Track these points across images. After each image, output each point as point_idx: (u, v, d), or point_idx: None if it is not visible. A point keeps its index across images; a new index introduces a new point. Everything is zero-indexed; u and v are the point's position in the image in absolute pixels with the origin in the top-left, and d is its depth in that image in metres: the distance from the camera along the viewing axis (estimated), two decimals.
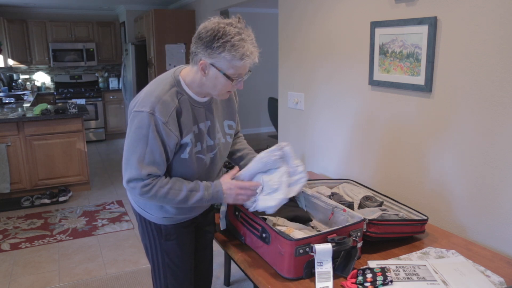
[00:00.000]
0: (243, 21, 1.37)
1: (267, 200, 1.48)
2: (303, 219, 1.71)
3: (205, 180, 1.54)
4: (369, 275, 1.35)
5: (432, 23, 1.82)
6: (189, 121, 1.46)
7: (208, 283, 1.90)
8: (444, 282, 1.33)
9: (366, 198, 1.84)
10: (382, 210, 1.70)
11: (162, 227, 1.60)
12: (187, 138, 1.45)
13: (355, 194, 1.93)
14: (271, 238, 1.43)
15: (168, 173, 1.50)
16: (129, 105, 1.49)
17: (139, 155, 1.38)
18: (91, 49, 7.24)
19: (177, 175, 1.50)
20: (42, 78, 7.36)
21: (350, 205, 1.72)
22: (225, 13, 5.68)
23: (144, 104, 1.39)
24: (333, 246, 1.35)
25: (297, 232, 1.52)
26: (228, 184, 1.50)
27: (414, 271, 1.39)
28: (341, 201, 1.76)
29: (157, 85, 1.45)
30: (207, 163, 1.56)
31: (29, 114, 4.31)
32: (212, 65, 1.36)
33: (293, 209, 1.76)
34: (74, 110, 4.45)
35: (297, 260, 1.36)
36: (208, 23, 1.35)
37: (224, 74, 1.36)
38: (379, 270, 1.37)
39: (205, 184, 1.49)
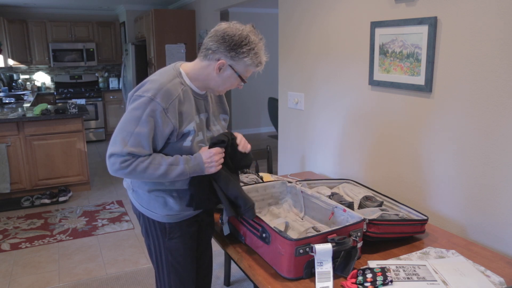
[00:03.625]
0: (257, 30, 1.49)
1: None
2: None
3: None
4: (369, 275, 1.35)
5: (432, 23, 1.82)
6: (192, 110, 1.51)
7: (208, 282, 1.91)
8: (444, 282, 1.33)
9: (366, 198, 1.84)
10: (382, 210, 1.70)
11: (167, 225, 1.61)
12: (190, 126, 1.50)
13: (355, 194, 1.93)
14: (271, 238, 1.43)
15: None
16: (128, 95, 1.53)
17: (126, 134, 1.41)
18: (91, 49, 7.24)
19: None
20: (42, 78, 7.36)
21: (350, 205, 1.72)
22: (225, 13, 5.68)
23: (146, 90, 1.43)
24: (333, 246, 1.35)
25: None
26: (207, 154, 1.51)
27: (414, 271, 1.39)
28: (341, 201, 1.76)
29: (161, 75, 1.50)
30: None
31: (29, 114, 4.31)
32: (231, 66, 1.46)
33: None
34: (74, 110, 4.45)
35: (297, 260, 1.36)
36: (231, 28, 1.44)
37: (239, 76, 1.48)
38: (379, 270, 1.37)
39: (185, 157, 1.49)
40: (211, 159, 1.50)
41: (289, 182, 1.92)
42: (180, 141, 1.50)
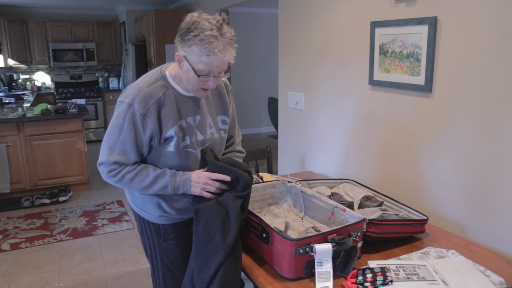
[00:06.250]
0: (226, 19, 1.37)
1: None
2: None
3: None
4: (369, 275, 1.35)
5: (432, 23, 1.82)
6: (173, 115, 1.47)
7: None
8: (444, 282, 1.33)
9: (366, 198, 1.84)
10: (382, 210, 1.70)
11: (161, 227, 1.60)
12: (171, 131, 1.46)
13: (355, 194, 1.94)
14: (271, 238, 1.43)
15: (156, 166, 1.52)
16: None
17: (111, 143, 1.44)
18: (91, 49, 7.24)
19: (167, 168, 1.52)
20: (42, 78, 7.36)
21: (350, 205, 1.72)
22: (225, 13, 5.68)
23: (126, 95, 1.44)
24: (333, 246, 1.35)
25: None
26: (197, 173, 1.49)
27: (414, 271, 1.39)
28: (341, 201, 1.76)
29: (143, 79, 1.49)
30: (199, 158, 1.56)
31: (29, 114, 4.31)
32: (185, 57, 1.37)
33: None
34: (74, 110, 4.45)
35: (297, 260, 1.36)
36: (188, 16, 1.36)
37: (193, 68, 1.36)
38: (379, 270, 1.37)
39: (174, 171, 1.49)
40: (199, 179, 1.47)
41: (289, 182, 1.92)
42: (163, 146, 1.48)
